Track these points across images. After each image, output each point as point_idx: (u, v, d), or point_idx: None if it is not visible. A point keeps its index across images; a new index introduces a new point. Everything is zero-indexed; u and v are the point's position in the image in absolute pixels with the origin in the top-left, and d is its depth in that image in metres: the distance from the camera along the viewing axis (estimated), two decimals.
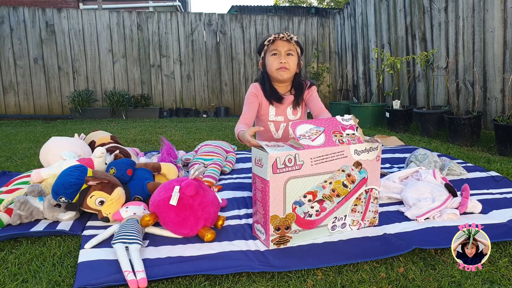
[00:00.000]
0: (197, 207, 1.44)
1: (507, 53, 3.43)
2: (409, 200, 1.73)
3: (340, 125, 1.47)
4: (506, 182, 2.08)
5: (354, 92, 6.54)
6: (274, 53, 1.93)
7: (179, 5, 10.76)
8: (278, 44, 1.91)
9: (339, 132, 1.44)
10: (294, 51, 1.94)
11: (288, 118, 2.03)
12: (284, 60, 1.91)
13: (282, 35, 1.90)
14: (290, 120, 2.02)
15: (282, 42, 1.91)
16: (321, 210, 1.42)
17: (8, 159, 2.96)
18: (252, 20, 7.10)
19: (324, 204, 1.42)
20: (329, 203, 1.43)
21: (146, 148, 3.40)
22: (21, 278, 1.20)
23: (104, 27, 6.63)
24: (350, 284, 1.15)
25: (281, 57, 1.91)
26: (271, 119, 2.04)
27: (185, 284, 1.16)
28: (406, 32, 4.91)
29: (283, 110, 2.02)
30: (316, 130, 1.42)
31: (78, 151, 2.05)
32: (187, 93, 7.01)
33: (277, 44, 1.91)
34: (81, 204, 1.60)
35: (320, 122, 1.45)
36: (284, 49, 1.91)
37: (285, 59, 1.91)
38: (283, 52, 1.91)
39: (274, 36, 1.91)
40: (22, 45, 6.40)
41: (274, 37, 1.91)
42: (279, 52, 1.92)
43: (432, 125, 3.86)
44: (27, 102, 6.52)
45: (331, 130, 1.44)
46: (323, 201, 1.42)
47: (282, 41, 1.91)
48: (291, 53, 1.93)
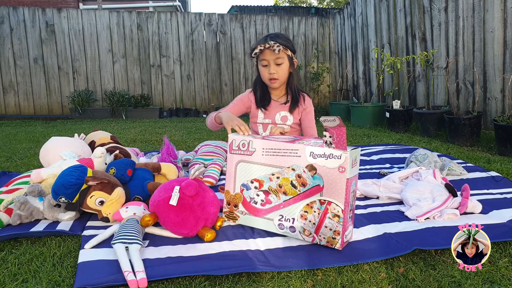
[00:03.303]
0: (197, 207, 1.44)
1: (507, 53, 3.43)
2: (409, 200, 1.73)
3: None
4: (506, 182, 2.08)
5: (354, 92, 6.54)
6: (264, 64, 1.92)
7: (179, 5, 10.76)
8: (266, 54, 1.88)
9: None
10: (283, 58, 1.90)
11: (276, 122, 2.05)
12: (273, 70, 1.90)
13: (268, 45, 1.83)
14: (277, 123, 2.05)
15: (270, 51, 1.87)
16: (266, 201, 1.46)
17: (8, 159, 2.96)
18: (252, 20, 7.10)
19: (269, 197, 1.45)
20: (274, 197, 1.44)
21: (146, 148, 3.40)
22: (21, 278, 1.20)
23: (104, 27, 6.63)
24: (350, 284, 1.15)
25: (270, 67, 1.90)
26: (260, 121, 2.08)
27: (185, 284, 1.16)
28: (406, 32, 4.91)
29: (271, 116, 2.06)
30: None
31: (78, 151, 2.05)
32: (187, 93, 7.01)
33: (265, 54, 1.88)
34: (81, 204, 1.60)
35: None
36: (273, 58, 1.88)
37: (274, 69, 1.90)
38: (271, 62, 1.89)
39: (260, 49, 1.86)
40: (22, 45, 6.39)
41: (260, 49, 1.86)
42: (268, 62, 1.90)
43: (432, 125, 3.86)
44: (27, 102, 6.52)
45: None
46: (269, 193, 1.45)
47: (269, 51, 1.86)
48: (280, 62, 1.90)
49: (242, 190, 1.51)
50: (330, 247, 1.35)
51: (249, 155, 1.48)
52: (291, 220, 1.42)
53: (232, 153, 1.52)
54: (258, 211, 1.49)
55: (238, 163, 1.51)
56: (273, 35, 1.91)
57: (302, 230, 1.41)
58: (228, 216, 1.57)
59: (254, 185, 1.48)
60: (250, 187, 1.49)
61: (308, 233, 1.40)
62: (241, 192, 1.52)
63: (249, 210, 1.51)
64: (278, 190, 1.43)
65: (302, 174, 1.38)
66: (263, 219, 1.48)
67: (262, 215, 1.48)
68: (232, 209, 1.55)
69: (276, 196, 1.44)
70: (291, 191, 1.41)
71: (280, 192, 1.42)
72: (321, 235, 1.37)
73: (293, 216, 1.41)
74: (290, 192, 1.41)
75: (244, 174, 1.50)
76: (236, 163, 1.51)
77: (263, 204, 1.47)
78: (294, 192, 1.40)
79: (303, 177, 1.38)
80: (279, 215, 1.44)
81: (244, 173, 1.50)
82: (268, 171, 1.45)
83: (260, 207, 1.48)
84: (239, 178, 1.51)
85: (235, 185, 1.53)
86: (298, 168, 1.39)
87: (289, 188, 1.41)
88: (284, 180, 1.41)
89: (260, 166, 1.46)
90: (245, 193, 1.51)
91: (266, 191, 1.45)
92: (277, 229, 1.45)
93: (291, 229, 1.42)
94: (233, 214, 1.55)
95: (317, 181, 1.35)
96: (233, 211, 1.55)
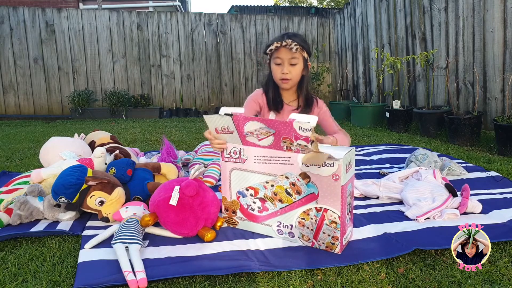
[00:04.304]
0: (197, 207, 1.44)
1: (507, 53, 3.43)
2: (409, 200, 1.73)
3: (294, 133, 1.28)
4: (506, 182, 2.08)
5: (354, 92, 6.54)
6: (277, 62, 1.81)
7: (179, 5, 10.76)
8: (281, 52, 1.78)
9: (289, 140, 1.31)
10: (299, 59, 1.80)
11: None
12: (287, 70, 1.80)
13: (285, 43, 1.75)
14: None
15: (286, 49, 1.77)
16: (263, 208, 1.45)
17: (8, 159, 2.96)
18: (252, 20, 7.10)
19: (266, 204, 1.44)
20: (271, 205, 1.43)
21: (146, 148, 3.40)
22: (21, 278, 1.20)
23: (104, 27, 6.63)
24: (350, 284, 1.15)
25: (284, 67, 1.80)
26: None
27: (185, 284, 1.16)
28: (406, 32, 4.91)
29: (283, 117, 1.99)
30: (265, 131, 1.36)
31: (78, 151, 2.05)
32: (187, 93, 7.01)
33: (281, 52, 1.78)
34: (81, 204, 1.60)
35: (272, 124, 1.32)
36: (288, 57, 1.78)
37: (287, 69, 1.80)
38: (286, 61, 1.79)
39: (276, 45, 1.77)
40: (22, 45, 6.39)
41: (276, 46, 1.77)
42: (282, 61, 1.80)
43: (432, 125, 3.86)
44: (27, 102, 6.52)
45: (282, 136, 1.32)
46: (265, 200, 1.43)
47: (285, 49, 1.77)
48: (295, 62, 1.80)
49: (238, 197, 1.50)
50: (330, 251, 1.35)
51: (241, 162, 1.46)
52: (289, 227, 1.41)
53: (225, 160, 1.50)
54: (256, 218, 1.48)
55: (232, 171, 1.49)
56: (291, 34, 1.81)
57: (300, 236, 1.40)
58: (228, 221, 1.56)
59: (249, 193, 1.47)
60: (246, 194, 1.48)
61: (307, 238, 1.39)
62: (237, 199, 1.51)
63: (247, 216, 1.50)
64: (274, 197, 1.41)
65: (296, 182, 1.35)
66: (262, 225, 1.47)
67: (261, 221, 1.47)
68: (230, 215, 1.55)
69: (272, 203, 1.42)
70: (286, 198, 1.39)
71: (276, 199, 1.41)
72: (320, 240, 1.36)
73: (290, 223, 1.40)
74: (285, 200, 1.39)
75: (239, 182, 1.49)
76: (230, 171, 1.49)
77: (260, 211, 1.46)
78: (289, 199, 1.39)
79: (297, 185, 1.35)
80: (277, 221, 1.43)
81: (239, 181, 1.49)
82: (262, 179, 1.43)
83: (257, 213, 1.47)
84: (234, 185, 1.50)
85: (231, 192, 1.52)
86: (291, 176, 1.36)
87: (284, 196, 1.39)
88: (278, 188, 1.40)
89: (253, 174, 1.44)
90: (241, 200, 1.50)
91: (262, 198, 1.44)
92: (277, 235, 1.45)
93: (290, 234, 1.42)
94: (232, 220, 1.55)
95: (311, 189, 1.33)
96: (232, 216, 1.55)
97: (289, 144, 1.32)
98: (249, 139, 1.40)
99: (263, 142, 1.38)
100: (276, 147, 1.37)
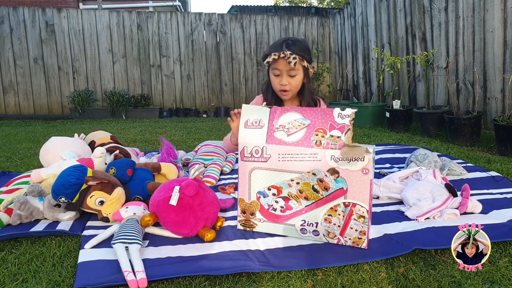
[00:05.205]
0: (197, 207, 1.44)
1: (507, 53, 3.43)
2: (409, 200, 1.73)
3: (330, 121, 1.34)
4: (506, 182, 2.08)
5: (354, 92, 6.54)
6: (276, 73, 1.74)
7: (179, 5, 10.76)
8: (280, 64, 1.71)
9: (323, 131, 1.34)
10: (298, 69, 1.72)
11: None
12: (286, 81, 1.73)
13: (283, 55, 1.67)
14: None
15: (284, 61, 1.68)
16: (287, 208, 1.42)
17: (8, 159, 2.96)
18: (252, 20, 7.10)
19: (289, 203, 1.41)
20: (295, 203, 1.41)
21: (146, 148, 3.40)
22: (21, 278, 1.20)
23: (104, 27, 6.63)
24: (350, 284, 1.15)
25: (283, 78, 1.73)
26: None
27: (185, 284, 1.16)
28: (406, 32, 4.91)
29: None
30: (300, 123, 1.36)
31: (78, 151, 2.05)
32: (187, 93, 7.01)
33: (279, 63, 1.71)
34: (81, 204, 1.60)
35: (310, 114, 1.36)
36: (286, 68, 1.71)
37: (286, 80, 1.73)
38: (285, 72, 1.72)
39: (274, 58, 1.69)
40: (22, 45, 6.40)
41: (274, 59, 1.69)
42: (280, 73, 1.73)
43: (432, 125, 3.86)
44: (27, 102, 6.52)
45: (316, 127, 1.35)
46: (289, 199, 1.41)
47: (284, 60, 1.68)
48: (294, 74, 1.73)
49: (258, 197, 1.45)
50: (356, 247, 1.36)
51: (263, 161, 1.41)
52: (314, 225, 1.40)
53: (245, 160, 1.44)
54: (278, 218, 1.44)
55: (252, 170, 1.43)
56: (290, 41, 1.72)
57: (326, 233, 1.39)
58: (244, 224, 1.50)
59: (271, 192, 1.42)
60: (267, 194, 1.43)
61: (333, 235, 1.38)
62: (257, 200, 1.46)
63: (268, 217, 1.46)
64: (299, 195, 1.39)
65: (324, 178, 1.35)
66: (284, 225, 1.44)
67: (283, 221, 1.44)
68: (248, 217, 1.49)
69: (297, 201, 1.40)
70: (313, 196, 1.37)
71: (301, 197, 1.39)
72: (347, 236, 1.36)
73: (316, 221, 1.39)
74: (312, 197, 1.38)
75: (260, 182, 1.43)
76: (250, 171, 1.43)
77: (283, 210, 1.42)
78: (316, 196, 1.37)
79: (325, 181, 1.35)
80: (301, 220, 1.41)
81: (260, 180, 1.43)
82: (286, 177, 1.39)
83: (280, 213, 1.43)
84: (254, 185, 1.45)
85: (250, 193, 1.46)
86: (319, 172, 1.35)
87: (310, 193, 1.38)
88: (304, 185, 1.38)
89: (277, 173, 1.40)
90: (262, 201, 1.45)
91: (286, 197, 1.41)
92: (300, 234, 1.43)
93: (314, 233, 1.41)
94: (249, 222, 1.49)
95: (340, 184, 1.34)
96: (249, 219, 1.49)
97: (321, 137, 1.34)
98: (277, 135, 1.40)
99: (291, 138, 1.38)
100: (303, 144, 1.36)
